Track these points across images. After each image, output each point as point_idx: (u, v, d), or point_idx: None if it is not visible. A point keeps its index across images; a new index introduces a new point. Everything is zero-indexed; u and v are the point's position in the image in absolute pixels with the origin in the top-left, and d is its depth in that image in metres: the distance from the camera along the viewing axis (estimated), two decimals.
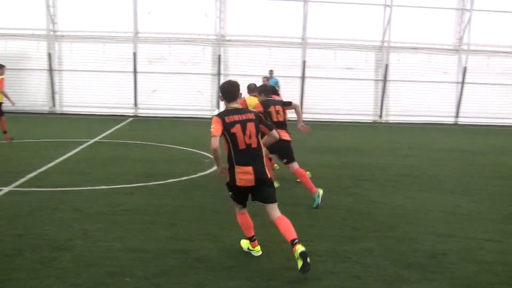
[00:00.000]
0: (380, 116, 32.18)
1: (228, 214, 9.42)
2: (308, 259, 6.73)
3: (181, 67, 30.03)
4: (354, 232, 8.78)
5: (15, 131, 18.98)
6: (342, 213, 10.04)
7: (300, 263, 6.76)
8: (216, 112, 30.49)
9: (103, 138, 20.06)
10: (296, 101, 16.06)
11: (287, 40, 31.44)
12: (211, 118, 7.45)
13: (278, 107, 11.26)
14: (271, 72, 27.69)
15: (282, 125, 11.05)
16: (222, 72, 30.92)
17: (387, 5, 31.42)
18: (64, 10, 30.64)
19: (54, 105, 30.91)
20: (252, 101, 12.60)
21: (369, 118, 32.20)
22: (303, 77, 31.23)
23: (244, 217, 7.69)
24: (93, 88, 30.12)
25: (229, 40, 31.23)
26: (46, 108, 30.92)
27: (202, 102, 30.59)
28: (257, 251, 7.68)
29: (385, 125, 30.79)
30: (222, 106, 26.01)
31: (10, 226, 8.58)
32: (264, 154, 7.47)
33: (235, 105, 7.36)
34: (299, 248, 6.82)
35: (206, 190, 11.41)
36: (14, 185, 11.58)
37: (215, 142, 6.99)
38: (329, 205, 10.57)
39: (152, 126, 25.15)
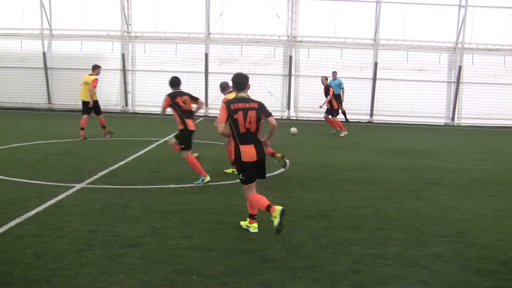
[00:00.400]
0: (452, 119, 31.57)
1: (296, 215, 9.43)
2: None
3: (252, 68, 30.10)
4: (422, 236, 8.66)
5: (89, 130, 19.39)
6: (410, 216, 9.91)
7: (277, 221, 7.81)
8: (286, 114, 30.40)
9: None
10: (202, 99, 16.95)
11: (358, 41, 31.25)
12: (282, 119, 7.57)
13: (185, 98, 12.89)
14: (334, 73, 27.43)
15: (189, 113, 12.78)
16: (293, 73, 30.94)
17: (462, 6, 30.82)
18: (138, 11, 31.23)
19: (126, 105, 31.52)
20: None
21: (441, 121, 31.63)
22: (374, 79, 30.95)
23: (253, 196, 8.49)
24: (165, 88, 30.50)
25: (300, 41, 31.21)
26: (119, 108, 31.58)
27: (273, 103, 30.44)
28: (254, 227, 8.80)
29: (457, 128, 30.22)
30: (293, 107, 25.41)
31: (82, 221, 8.79)
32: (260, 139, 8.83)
33: (243, 94, 8.70)
34: (279, 207, 7.90)
35: (275, 190, 11.41)
36: (86, 182, 11.86)
37: (220, 127, 8.65)
38: (398, 208, 10.46)
39: None
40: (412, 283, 6.72)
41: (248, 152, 8.44)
